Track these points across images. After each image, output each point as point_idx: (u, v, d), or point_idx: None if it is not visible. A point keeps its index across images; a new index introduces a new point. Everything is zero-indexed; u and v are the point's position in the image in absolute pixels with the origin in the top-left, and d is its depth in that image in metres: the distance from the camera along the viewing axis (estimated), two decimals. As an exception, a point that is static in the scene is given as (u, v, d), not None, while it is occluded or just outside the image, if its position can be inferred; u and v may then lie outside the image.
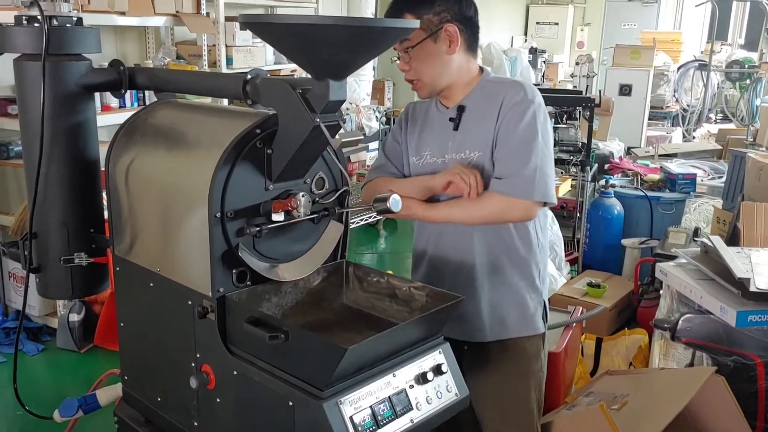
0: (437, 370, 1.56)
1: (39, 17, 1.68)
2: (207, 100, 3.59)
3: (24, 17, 1.73)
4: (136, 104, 4.24)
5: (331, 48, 1.35)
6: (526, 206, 1.85)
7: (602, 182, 4.93)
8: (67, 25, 1.75)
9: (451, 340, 1.86)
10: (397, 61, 1.96)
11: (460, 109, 1.95)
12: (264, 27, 1.43)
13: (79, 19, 1.80)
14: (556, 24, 11.64)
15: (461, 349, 1.98)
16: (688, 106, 9.42)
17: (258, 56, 5.29)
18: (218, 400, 1.60)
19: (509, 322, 2.00)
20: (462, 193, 1.84)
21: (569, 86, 8.51)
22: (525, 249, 1.98)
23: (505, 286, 1.99)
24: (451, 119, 1.96)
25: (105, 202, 1.89)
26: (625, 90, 7.74)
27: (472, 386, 1.96)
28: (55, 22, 1.72)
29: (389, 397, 1.46)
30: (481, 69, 2.01)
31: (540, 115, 1.87)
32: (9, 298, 4.05)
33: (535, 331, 2.04)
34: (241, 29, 5.04)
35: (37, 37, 1.68)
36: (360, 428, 1.39)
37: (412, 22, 1.48)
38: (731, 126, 8.68)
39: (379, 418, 1.42)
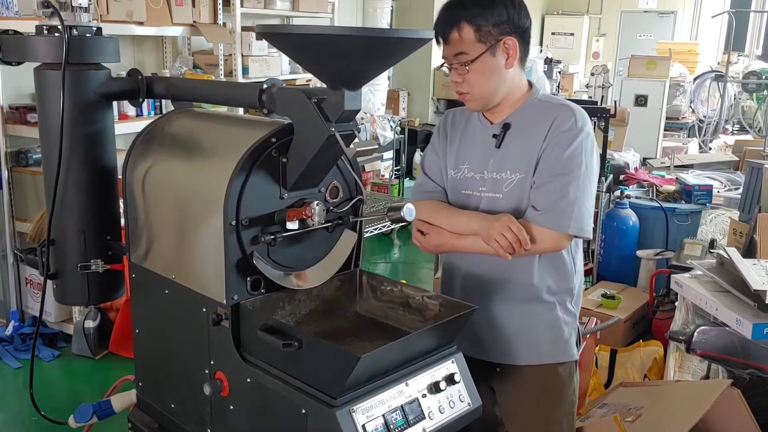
0: (450, 380, 1.56)
1: (59, 27, 1.70)
2: (223, 109, 3.62)
3: (45, 27, 1.76)
4: (153, 113, 4.28)
5: (345, 58, 1.37)
6: (558, 238, 1.79)
7: (617, 193, 4.91)
8: (87, 35, 1.78)
9: (484, 362, 1.87)
10: (444, 68, 1.86)
11: (506, 126, 1.86)
12: (280, 37, 1.44)
13: (99, 29, 1.82)
14: (572, 34, 11.63)
15: (493, 371, 1.95)
16: (704, 116, 9.36)
17: (274, 66, 5.33)
18: (232, 407, 1.61)
19: (543, 347, 1.93)
20: (501, 256, 1.75)
21: (584, 97, 8.48)
22: (561, 274, 1.91)
23: (539, 310, 1.91)
24: (494, 136, 1.87)
25: (122, 210, 1.91)
26: (641, 100, 7.72)
27: (503, 409, 1.97)
28: (75, 32, 1.75)
29: (402, 406, 1.46)
30: (530, 84, 1.91)
31: (587, 145, 1.79)
32: (26, 304, 4.09)
33: (569, 358, 1.96)
34: (257, 39, 5.08)
35: (58, 46, 1.70)
36: (372, 437, 1.39)
37: (427, 33, 1.46)
38: (748, 137, 8.62)
39: (392, 426, 1.42)
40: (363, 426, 1.38)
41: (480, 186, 1.88)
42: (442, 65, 1.86)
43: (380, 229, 3.91)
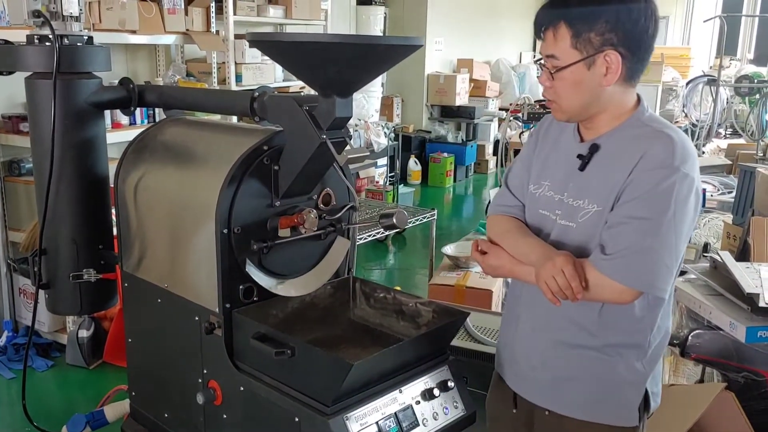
0: (444, 386, 1.56)
1: (50, 36, 1.70)
2: (217, 117, 3.62)
3: (35, 36, 1.76)
4: (146, 121, 4.27)
5: (336, 66, 1.37)
6: (621, 291, 1.51)
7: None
8: (78, 44, 1.78)
9: (532, 404, 1.70)
10: (538, 65, 1.62)
11: (594, 148, 1.58)
12: (271, 45, 1.45)
13: (90, 38, 1.82)
14: (565, 40, 11.66)
15: (542, 414, 1.71)
16: (697, 121, 9.40)
17: (267, 73, 5.33)
18: (225, 416, 1.60)
19: (596, 403, 1.65)
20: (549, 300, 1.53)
21: (578, 102, 8.51)
22: (628, 327, 1.62)
23: (597, 362, 1.63)
24: (579, 156, 1.60)
25: (114, 219, 1.91)
26: (634, 105, 7.73)
27: None
28: (66, 41, 1.75)
29: (395, 413, 1.46)
30: (639, 100, 1.60)
31: (681, 189, 1.47)
32: (19, 314, 4.07)
33: (623, 422, 1.64)
34: (249, 47, 5.08)
35: (49, 55, 1.70)
36: (366, 444, 1.39)
37: (417, 40, 1.43)
38: (741, 141, 8.65)
39: (386, 434, 1.42)
40: (356, 433, 1.38)
41: (557, 209, 1.63)
42: (538, 60, 1.64)
43: (375, 235, 3.91)
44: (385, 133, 6.73)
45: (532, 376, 1.69)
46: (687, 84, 9.46)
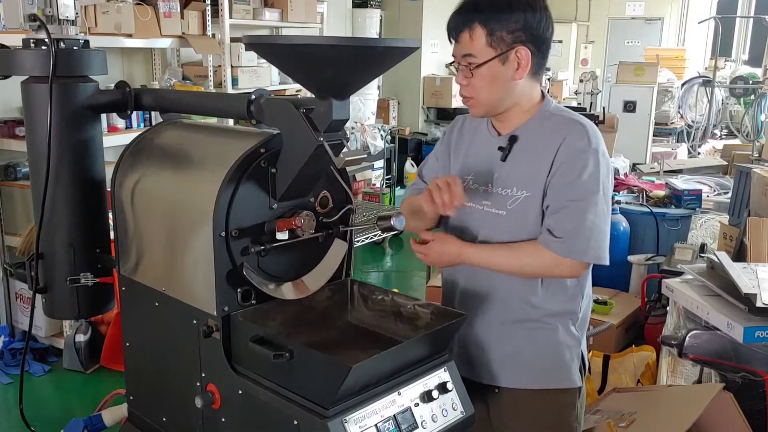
0: (442, 388, 1.55)
1: (46, 40, 1.70)
2: (213, 120, 3.61)
3: (31, 40, 1.76)
4: (142, 125, 4.26)
5: (332, 68, 1.37)
6: (575, 266, 1.72)
7: (608, 199, 4.90)
8: (74, 48, 1.78)
9: (482, 384, 1.82)
10: (453, 66, 1.76)
11: (512, 139, 1.77)
12: (267, 48, 1.45)
13: (86, 42, 1.82)
14: (560, 42, 11.66)
15: (491, 392, 1.86)
16: (692, 122, 9.43)
17: (263, 76, 5.33)
18: (223, 419, 1.60)
19: (542, 371, 1.82)
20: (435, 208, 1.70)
21: (573, 103, 8.53)
22: (563, 296, 1.81)
23: (539, 332, 1.81)
24: (500, 148, 1.78)
25: (111, 222, 1.90)
26: (630, 107, 7.75)
27: None
28: (62, 45, 1.75)
29: (394, 415, 1.46)
30: (543, 95, 1.80)
31: (602, 167, 1.70)
32: (16, 318, 4.06)
33: (569, 384, 1.84)
34: (245, 50, 5.08)
35: (45, 59, 1.70)
36: (365, 447, 1.38)
37: (413, 42, 1.44)
38: (736, 141, 8.67)
39: (385, 436, 1.42)
40: (355, 436, 1.38)
41: (483, 200, 1.79)
42: (452, 63, 1.77)
43: (372, 238, 3.91)
44: (381, 135, 6.73)
45: (481, 359, 1.82)
46: (682, 85, 9.49)
